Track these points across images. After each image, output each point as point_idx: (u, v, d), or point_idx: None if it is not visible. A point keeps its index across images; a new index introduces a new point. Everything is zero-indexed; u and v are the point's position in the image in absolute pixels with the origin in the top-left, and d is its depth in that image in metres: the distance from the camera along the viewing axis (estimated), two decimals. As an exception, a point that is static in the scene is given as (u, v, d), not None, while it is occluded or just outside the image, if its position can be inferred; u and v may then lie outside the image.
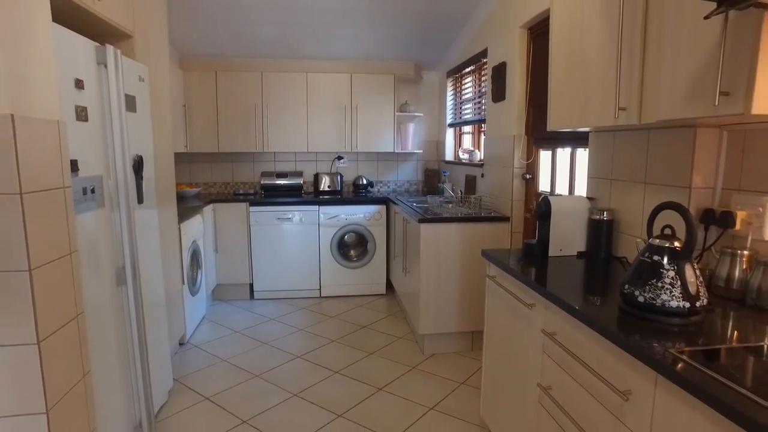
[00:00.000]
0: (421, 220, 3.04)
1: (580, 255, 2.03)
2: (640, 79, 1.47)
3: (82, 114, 1.72)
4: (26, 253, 1.29)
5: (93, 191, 1.80)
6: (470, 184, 3.97)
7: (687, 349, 1.07)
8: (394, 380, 2.88)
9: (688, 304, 1.21)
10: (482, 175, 3.68)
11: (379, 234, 4.37)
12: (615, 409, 1.20)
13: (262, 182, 4.61)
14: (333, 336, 3.55)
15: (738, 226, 1.47)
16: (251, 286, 4.37)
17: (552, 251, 2.00)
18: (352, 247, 4.45)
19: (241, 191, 4.68)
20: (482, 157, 3.81)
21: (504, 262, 1.91)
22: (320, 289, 4.39)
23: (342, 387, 2.80)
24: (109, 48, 1.87)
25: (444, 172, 4.63)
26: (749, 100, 1.07)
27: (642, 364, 1.10)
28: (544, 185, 2.95)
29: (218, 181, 4.80)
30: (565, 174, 2.68)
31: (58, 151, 1.47)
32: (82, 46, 1.75)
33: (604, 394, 1.25)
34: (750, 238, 1.45)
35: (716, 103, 1.14)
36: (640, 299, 1.26)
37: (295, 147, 4.52)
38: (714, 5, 1.01)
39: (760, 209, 1.41)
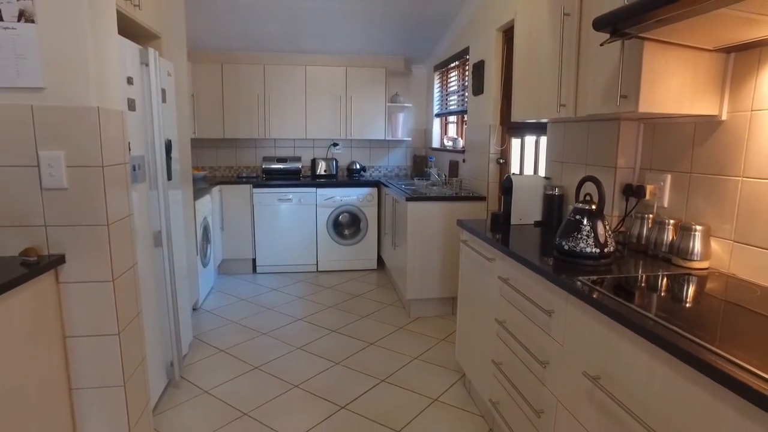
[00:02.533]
0: (409, 199, 3.47)
1: (536, 224, 2.48)
2: (575, 82, 1.90)
3: (131, 105, 2.12)
4: (105, 212, 1.70)
5: (139, 168, 2.20)
6: (453, 168, 4.41)
7: (589, 278, 1.52)
8: (384, 337, 3.33)
9: (598, 250, 1.66)
10: (464, 161, 4.11)
11: (371, 214, 4.80)
12: (544, 325, 1.65)
13: (263, 166, 5.02)
14: (329, 303, 3.99)
15: (648, 197, 1.92)
16: (254, 260, 4.79)
17: (513, 220, 2.45)
18: (346, 226, 4.88)
19: (244, 174, 5.07)
20: (464, 144, 4.24)
21: (473, 228, 2.36)
22: (317, 264, 4.83)
23: (339, 342, 3.24)
24: (150, 50, 2.26)
25: (430, 158, 5.06)
26: (637, 101, 1.51)
27: (559, 289, 1.55)
28: (515, 168, 3.39)
29: (222, 165, 5.20)
30: (532, 158, 3.13)
31: (121, 134, 1.87)
32: (131, 49, 2.14)
33: (538, 316, 1.70)
34: (655, 205, 1.90)
35: (618, 103, 1.57)
36: (566, 247, 1.71)
37: (294, 134, 4.92)
38: (608, 36, 1.44)
39: (662, 183, 1.86)
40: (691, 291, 1.43)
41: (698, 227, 1.62)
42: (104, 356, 1.78)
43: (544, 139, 2.95)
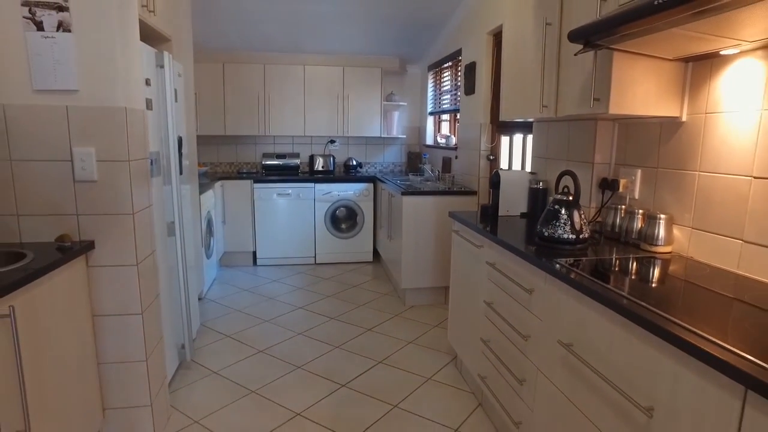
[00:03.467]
0: (404, 193, 3.67)
1: (522, 215, 2.68)
2: (556, 86, 2.09)
3: (149, 104, 2.29)
4: (131, 202, 1.88)
5: (155, 162, 2.38)
6: (446, 164, 4.61)
7: (566, 261, 1.72)
8: (380, 324, 3.53)
9: (574, 236, 1.86)
10: (456, 157, 4.31)
11: (367, 208, 4.99)
12: (525, 302, 1.86)
13: (263, 162, 5.19)
14: (328, 293, 4.18)
15: (621, 189, 2.13)
16: (254, 253, 4.97)
17: (501, 212, 2.65)
18: (343, 220, 5.07)
19: (244, 170, 5.24)
20: (456, 142, 4.44)
21: (464, 219, 2.55)
22: (315, 257, 5.02)
23: (337, 328, 3.44)
24: (165, 54, 2.43)
25: (424, 155, 5.26)
26: (608, 104, 1.71)
27: (539, 270, 1.75)
28: (504, 164, 3.59)
29: (223, 161, 5.36)
30: (519, 155, 3.33)
31: (143, 132, 2.05)
32: (148, 53, 2.31)
33: (520, 295, 1.90)
34: (628, 197, 2.11)
35: (591, 105, 1.77)
36: (546, 234, 1.91)
37: (293, 131, 5.10)
38: (581, 47, 1.63)
39: (633, 177, 2.07)
40: (653, 271, 1.63)
41: (662, 216, 1.82)
42: (129, 333, 1.96)
43: (531, 137, 3.15)
